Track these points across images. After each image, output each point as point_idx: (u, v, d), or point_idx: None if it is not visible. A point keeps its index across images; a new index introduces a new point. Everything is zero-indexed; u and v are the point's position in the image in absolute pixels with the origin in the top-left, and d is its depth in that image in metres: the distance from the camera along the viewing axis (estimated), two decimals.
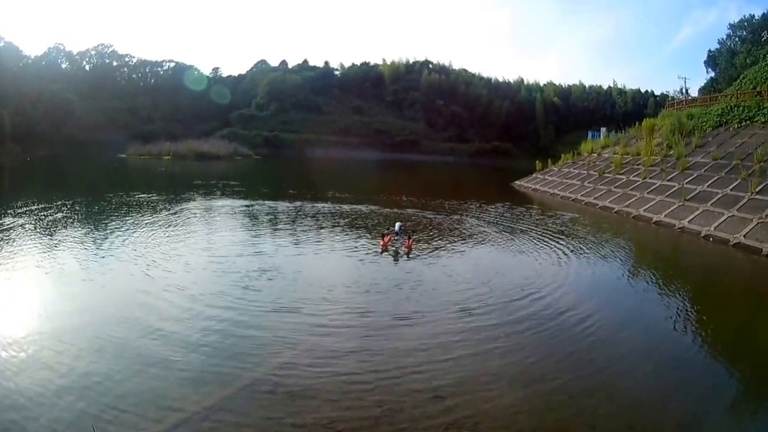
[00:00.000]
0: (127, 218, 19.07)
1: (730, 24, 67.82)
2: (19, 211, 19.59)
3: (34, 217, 18.40)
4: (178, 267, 12.61)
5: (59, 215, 19.19)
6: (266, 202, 26.25)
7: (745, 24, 63.69)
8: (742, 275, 15.87)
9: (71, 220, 18.58)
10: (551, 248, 17.27)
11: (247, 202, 25.74)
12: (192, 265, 12.85)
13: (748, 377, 8.13)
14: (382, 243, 16.01)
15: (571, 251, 16.98)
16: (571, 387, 7.36)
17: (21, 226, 16.86)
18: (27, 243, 14.42)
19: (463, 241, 17.98)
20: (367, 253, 15.15)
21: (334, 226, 19.84)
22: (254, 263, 13.31)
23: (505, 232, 20.15)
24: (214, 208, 23.63)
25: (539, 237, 19.21)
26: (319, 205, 25.73)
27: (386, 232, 16.79)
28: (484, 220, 22.87)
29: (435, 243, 17.27)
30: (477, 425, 6.26)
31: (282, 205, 25.14)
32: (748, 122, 29.73)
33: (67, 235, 15.72)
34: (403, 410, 6.38)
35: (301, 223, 20.45)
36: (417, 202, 28.38)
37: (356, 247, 15.95)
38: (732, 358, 8.81)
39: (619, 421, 6.56)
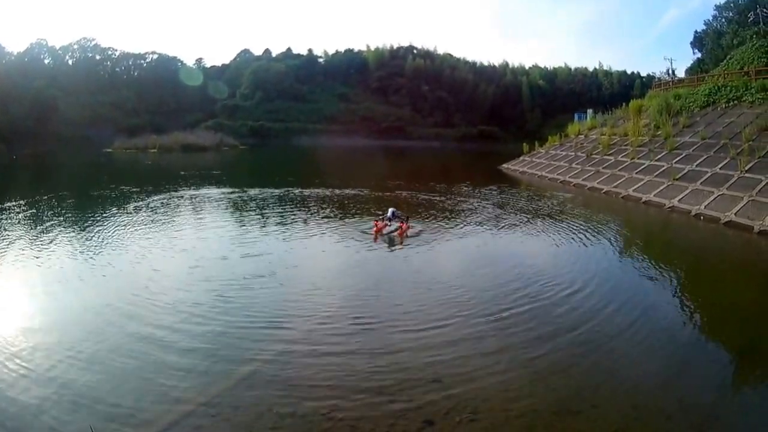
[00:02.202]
0: (109, 215, 18.66)
1: (716, 5, 67.91)
2: None
3: (7, 217, 18.02)
4: (152, 273, 11.47)
5: (35, 214, 18.83)
6: (254, 190, 26.05)
7: (731, 5, 63.82)
8: (736, 253, 15.88)
9: (47, 219, 18.03)
10: (553, 231, 17.44)
11: (234, 192, 25.59)
12: (169, 271, 11.81)
13: (745, 355, 8.17)
14: (374, 230, 15.87)
15: (570, 233, 17.04)
16: (571, 367, 7.37)
17: None
18: None
19: (465, 226, 18.05)
20: (362, 244, 14.83)
21: (326, 215, 19.72)
22: (238, 266, 12.24)
23: (502, 214, 20.32)
24: (201, 200, 23.39)
25: (537, 220, 19.46)
26: (309, 191, 25.65)
27: (378, 218, 16.62)
28: (478, 204, 22.98)
29: (438, 231, 17.12)
30: (477, 407, 6.24)
31: (271, 193, 25.02)
32: (735, 102, 29.77)
33: (40, 237, 14.96)
34: None
35: (292, 211, 20.32)
36: (408, 187, 28.52)
37: (351, 238, 15.66)
38: (730, 337, 8.85)
39: (621, 400, 6.54)
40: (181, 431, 5.70)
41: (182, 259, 12.92)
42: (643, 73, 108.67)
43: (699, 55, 69.03)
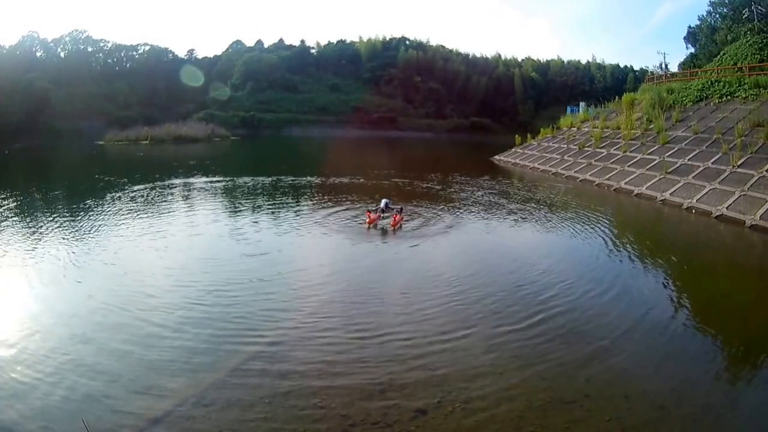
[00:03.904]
0: (93, 210, 18.09)
1: (710, 1, 67.60)
2: None
3: None
4: (129, 277, 10.60)
5: (16, 210, 18.02)
6: (246, 180, 25.94)
7: (726, 1, 63.66)
8: (728, 247, 15.98)
9: (27, 216, 17.10)
10: (547, 223, 17.68)
11: (225, 182, 25.49)
12: (148, 273, 10.89)
13: (737, 346, 8.25)
14: (368, 221, 15.79)
15: (563, 225, 17.38)
16: (564, 358, 7.40)
17: None
18: None
19: (461, 218, 17.93)
20: (356, 238, 14.58)
21: (318, 205, 19.58)
22: (224, 268, 11.39)
23: (497, 207, 20.26)
24: (191, 190, 23.22)
25: (532, 212, 19.52)
26: (301, 181, 25.63)
27: (372, 209, 16.54)
28: (473, 195, 23.02)
29: (438, 223, 16.92)
30: (469, 397, 6.28)
31: (262, 183, 24.91)
32: (728, 97, 29.93)
33: (15, 236, 13.99)
34: None
35: (283, 202, 20.34)
36: (403, 176, 28.65)
37: (344, 230, 15.47)
38: (722, 329, 8.87)
39: (614, 390, 6.57)
40: (172, 423, 5.66)
41: (165, 259, 12.16)
42: (636, 67, 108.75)
43: (692, 50, 68.95)
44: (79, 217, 16.60)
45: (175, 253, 12.72)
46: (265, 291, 9.75)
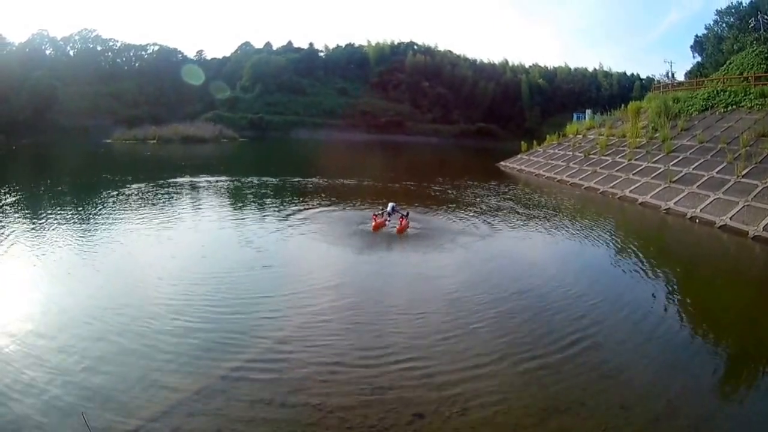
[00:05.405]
0: (94, 208, 18.21)
1: (717, 10, 67.36)
2: None
3: None
4: (115, 286, 10.25)
5: (11, 207, 17.98)
6: (252, 181, 25.94)
7: (733, 11, 63.54)
8: (730, 257, 15.91)
9: (21, 213, 17.05)
10: (549, 231, 17.67)
11: (231, 182, 25.52)
12: (136, 281, 10.62)
13: (736, 359, 8.21)
14: (373, 225, 15.71)
15: (568, 233, 17.38)
16: (561, 366, 7.41)
17: None
18: None
19: (476, 223, 17.90)
20: (361, 244, 14.37)
21: (324, 208, 19.56)
22: (218, 279, 10.80)
23: (502, 215, 20.18)
24: (196, 190, 23.30)
25: (536, 219, 19.56)
26: (310, 183, 25.65)
27: (377, 213, 16.44)
28: (485, 201, 23.04)
29: (446, 227, 17.02)
30: (467, 402, 6.32)
31: (268, 183, 24.93)
32: (734, 107, 29.90)
33: (3, 234, 13.81)
34: None
35: (288, 203, 20.31)
36: (411, 180, 28.96)
37: (349, 235, 15.32)
38: (721, 341, 8.88)
39: (610, 400, 6.58)
40: (172, 420, 5.73)
41: (156, 266, 11.67)
42: (643, 75, 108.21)
43: (699, 59, 68.76)
44: (79, 218, 16.61)
45: (175, 261, 12.43)
46: (267, 308, 9.32)
